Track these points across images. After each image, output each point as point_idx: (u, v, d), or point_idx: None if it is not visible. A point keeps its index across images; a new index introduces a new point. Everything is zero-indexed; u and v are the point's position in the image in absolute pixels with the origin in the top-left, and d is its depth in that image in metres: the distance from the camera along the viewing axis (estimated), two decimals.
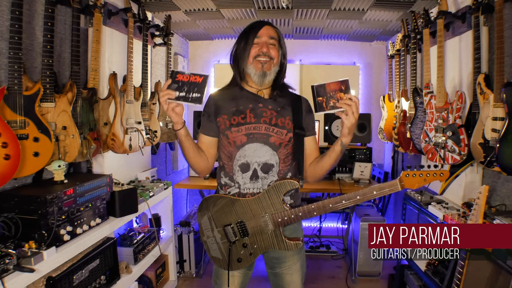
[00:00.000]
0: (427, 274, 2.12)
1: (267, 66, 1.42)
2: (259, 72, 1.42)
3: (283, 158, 1.45)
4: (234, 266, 1.46)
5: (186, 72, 1.28)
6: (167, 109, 1.28)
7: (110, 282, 1.83)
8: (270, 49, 1.42)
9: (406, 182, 1.31)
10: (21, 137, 1.47)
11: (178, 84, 1.27)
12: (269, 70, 1.43)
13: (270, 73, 1.43)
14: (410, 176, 1.30)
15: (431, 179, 1.31)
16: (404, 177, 1.31)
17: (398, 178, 1.31)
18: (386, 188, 1.32)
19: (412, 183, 1.30)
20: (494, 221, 1.65)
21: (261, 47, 1.42)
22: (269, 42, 1.43)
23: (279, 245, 1.42)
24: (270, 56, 1.42)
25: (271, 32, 1.45)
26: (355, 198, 1.33)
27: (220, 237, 1.46)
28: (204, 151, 1.50)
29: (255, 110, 1.45)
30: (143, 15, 2.50)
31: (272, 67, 1.43)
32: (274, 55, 1.43)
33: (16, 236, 1.42)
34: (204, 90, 1.27)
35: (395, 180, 1.31)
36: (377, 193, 1.32)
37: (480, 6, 1.86)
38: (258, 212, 1.41)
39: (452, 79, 2.30)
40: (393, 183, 1.31)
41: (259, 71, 1.42)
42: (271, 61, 1.43)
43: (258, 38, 1.43)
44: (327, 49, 4.05)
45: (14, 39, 1.45)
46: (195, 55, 4.11)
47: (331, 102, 1.29)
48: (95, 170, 2.16)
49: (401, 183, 1.31)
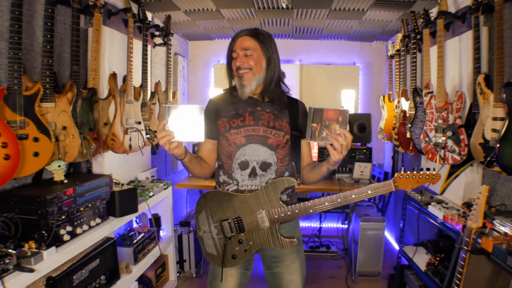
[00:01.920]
0: (427, 274, 2.12)
1: (245, 78, 1.44)
2: (239, 84, 1.46)
3: (280, 158, 1.48)
4: (229, 263, 1.48)
5: (179, 106, 1.28)
6: (168, 150, 1.29)
7: (110, 282, 1.83)
8: (245, 60, 1.44)
9: (400, 183, 1.35)
10: (21, 137, 1.47)
11: (174, 121, 1.26)
12: (247, 82, 1.45)
13: (250, 84, 1.45)
14: (404, 177, 1.34)
15: (423, 181, 1.35)
16: (398, 178, 1.35)
17: (393, 179, 1.35)
18: (380, 188, 1.35)
19: (405, 185, 1.35)
20: (494, 221, 1.65)
21: (236, 61, 1.45)
22: (245, 53, 1.44)
23: (274, 243, 1.44)
24: (247, 68, 1.44)
25: (246, 43, 1.45)
26: (350, 197, 1.36)
27: (216, 232, 1.48)
28: (206, 156, 1.55)
29: (253, 113, 1.48)
30: (143, 15, 2.50)
31: (252, 77, 1.45)
32: (252, 65, 1.44)
33: (16, 236, 1.42)
34: (202, 123, 1.26)
35: (390, 181, 1.35)
36: (372, 192, 1.35)
37: (480, 6, 1.86)
38: (255, 208, 1.43)
39: (452, 79, 2.30)
40: (388, 183, 1.35)
41: (239, 83, 1.46)
42: (250, 71, 1.44)
43: (234, 52, 1.46)
44: (327, 49, 4.05)
45: (14, 39, 1.45)
46: (195, 55, 4.12)
47: (324, 132, 1.29)
48: (95, 170, 2.16)
49: (395, 184, 1.35)
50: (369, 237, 2.96)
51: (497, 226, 1.63)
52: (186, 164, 1.43)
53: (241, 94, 1.48)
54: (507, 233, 1.56)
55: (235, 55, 1.46)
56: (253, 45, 1.45)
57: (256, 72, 1.45)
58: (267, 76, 1.48)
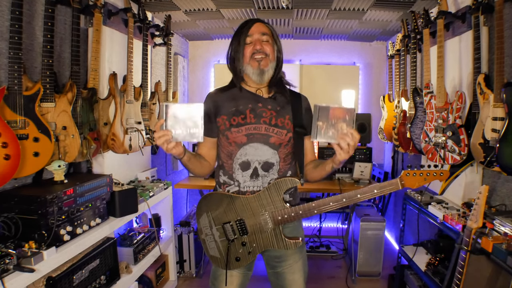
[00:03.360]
0: (427, 274, 2.12)
1: (263, 63, 1.41)
2: (257, 70, 1.42)
3: (283, 157, 1.46)
4: (233, 265, 1.46)
5: (177, 105, 1.23)
6: (166, 150, 1.24)
7: (110, 282, 1.83)
8: (264, 46, 1.42)
9: (407, 181, 1.31)
10: (21, 137, 1.47)
11: (172, 120, 1.22)
12: (266, 66, 1.42)
13: (268, 69, 1.43)
14: (411, 175, 1.31)
15: (431, 178, 1.32)
16: (405, 176, 1.31)
17: (399, 177, 1.32)
18: (387, 187, 1.32)
19: (412, 183, 1.31)
20: (494, 221, 1.65)
21: (254, 45, 1.42)
22: (262, 39, 1.42)
23: (278, 244, 1.41)
24: (265, 53, 1.42)
25: (262, 29, 1.44)
26: (356, 197, 1.33)
27: (218, 235, 1.45)
28: (206, 153, 1.52)
29: (255, 110, 1.45)
30: (143, 15, 2.50)
31: (269, 63, 1.43)
32: (269, 51, 1.43)
33: (16, 236, 1.42)
34: (200, 122, 1.22)
35: (396, 179, 1.32)
36: (378, 191, 1.32)
37: (480, 6, 1.86)
38: (258, 210, 1.40)
39: (452, 79, 2.30)
40: (394, 182, 1.31)
41: (257, 69, 1.41)
42: (267, 57, 1.42)
43: (250, 37, 1.42)
44: (327, 49, 4.05)
45: (14, 39, 1.45)
46: (195, 55, 4.12)
47: (331, 131, 1.24)
48: (95, 170, 2.16)
49: (402, 182, 1.31)
50: (369, 237, 2.96)
51: (497, 226, 1.63)
52: (185, 163, 1.40)
53: (258, 81, 1.44)
54: (507, 233, 1.56)
55: (250, 39, 1.42)
56: (269, 32, 1.45)
57: (272, 60, 1.44)
58: (277, 66, 1.47)
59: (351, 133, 1.22)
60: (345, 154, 1.25)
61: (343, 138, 1.23)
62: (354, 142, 1.23)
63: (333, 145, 1.27)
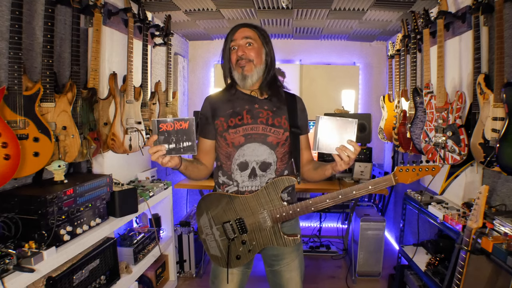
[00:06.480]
0: (427, 274, 2.12)
1: (247, 69, 1.43)
2: (240, 76, 1.44)
3: (280, 156, 1.48)
4: (233, 264, 1.48)
5: (169, 120, 1.23)
6: (162, 164, 1.27)
7: (110, 282, 1.83)
8: (247, 51, 1.43)
9: (400, 176, 1.34)
10: (21, 137, 1.47)
11: (164, 135, 1.23)
12: (249, 72, 1.43)
13: (252, 74, 1.44)
14: (404, 171, 1.33)
15: (423, 173, 1.34)
16: (398, 172, 1.34)
17: (392, 173, 1.35)
18: (381, 183, 1.34)
19: (405, 178, 1.33)
20: (494, 221, 1.65)
21: (237, 51, 1.44)
22: (245, 44, 1.44)
23: (278, 241, 1.44)
24: (248, 58, 1.43)
25: (247, 33, 1.45)
26: (351, 193, 1.35)
27: (219, 235, 1.47)
28: (204, 156, 1.55)
29: (251, 111, 1.47)
30: (143, 15, 2.50)
31: (253, 69, 1.44)
32: (254, 56, 1.44)
33: (16, 236, 1.42)
34: (193, 135, 1.23)
35: (390, 175, 1.34)
36: (373, 187, 1.34)
37: (480, 6, 1.86)
38: (257, 208, 1.43)
39: (452, 79, 2.30)
40: (388, 177, 1.34)
41: (240, 74, 1.44)
42: (251, 62, 1.43)
43: (234, 42, 1.45)
44: (327, 49, 4.05)
45: (14, 39, 1.45)
46: (195, 55, 4.12)
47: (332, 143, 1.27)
48: (95, 170, 2.16)
49: (395, 177, 1.33)
50: (369, 237, 2.96)
51: (497, 226, 1.63)
52: (183, 172, 1.42)
53: (242, 87, 1.47)
54: (507, 233, 1.56)
55: (234, 44, 1.44)
56: (254, 35, 1.46)
57: (257, 64, 1.45)
58: (266, 69, 1.48)
59: (351, 145, 1.26)
60: (345, 165, 1.29)
61: (343, 150, 1.26)
62: (354, 154, 1.26)
63: (334, 156, 1.30)
